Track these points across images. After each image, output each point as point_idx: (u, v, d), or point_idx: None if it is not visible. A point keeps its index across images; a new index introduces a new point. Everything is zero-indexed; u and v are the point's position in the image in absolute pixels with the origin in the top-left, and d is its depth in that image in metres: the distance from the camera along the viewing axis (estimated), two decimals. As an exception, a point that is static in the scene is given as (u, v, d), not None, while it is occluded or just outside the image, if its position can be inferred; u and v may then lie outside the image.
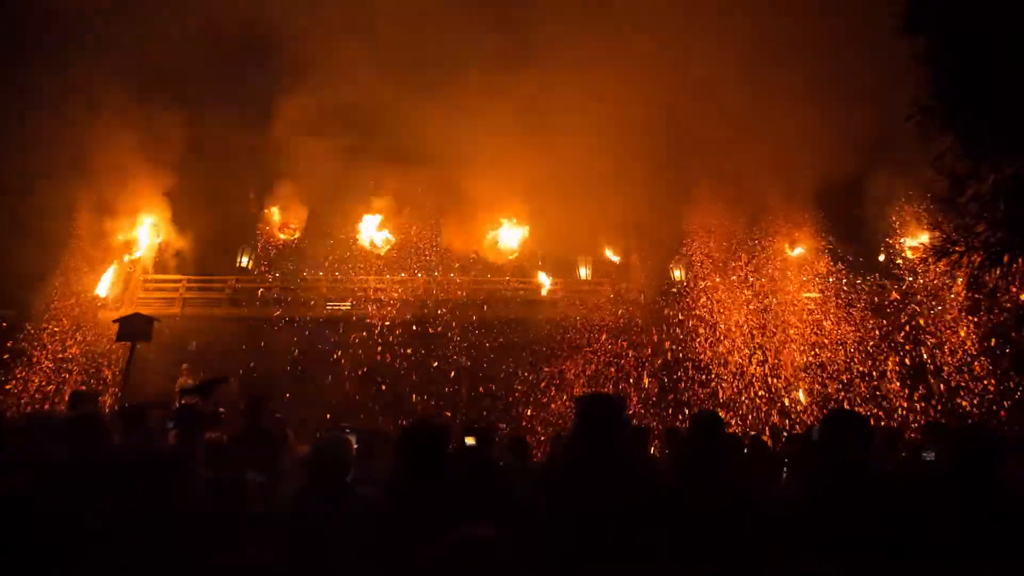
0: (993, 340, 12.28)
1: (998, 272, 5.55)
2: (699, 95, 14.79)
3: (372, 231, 15.91)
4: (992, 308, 5.78)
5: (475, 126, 14.01)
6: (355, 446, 4.14)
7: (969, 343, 13.35)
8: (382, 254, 15.73)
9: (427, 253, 15.65)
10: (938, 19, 5.43)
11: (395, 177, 15.29)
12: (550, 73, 14.37)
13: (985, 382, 13.23)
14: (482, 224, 15.72)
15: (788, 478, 3.13)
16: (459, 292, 15.03)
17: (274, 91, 14.96)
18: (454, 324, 14.33)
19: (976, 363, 13.24)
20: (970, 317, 12.37)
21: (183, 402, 4.05)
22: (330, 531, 2.85)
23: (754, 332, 14.33)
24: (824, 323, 14.60)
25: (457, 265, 15.63)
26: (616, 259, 17.15)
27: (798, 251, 15.95)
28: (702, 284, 15.52)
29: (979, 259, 5.48)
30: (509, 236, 16.03)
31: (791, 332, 14.40)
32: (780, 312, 14.76)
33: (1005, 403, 12.95)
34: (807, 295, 15.42)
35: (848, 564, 2.24)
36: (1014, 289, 5.82)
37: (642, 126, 14.08)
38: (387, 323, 14.29)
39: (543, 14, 14.86)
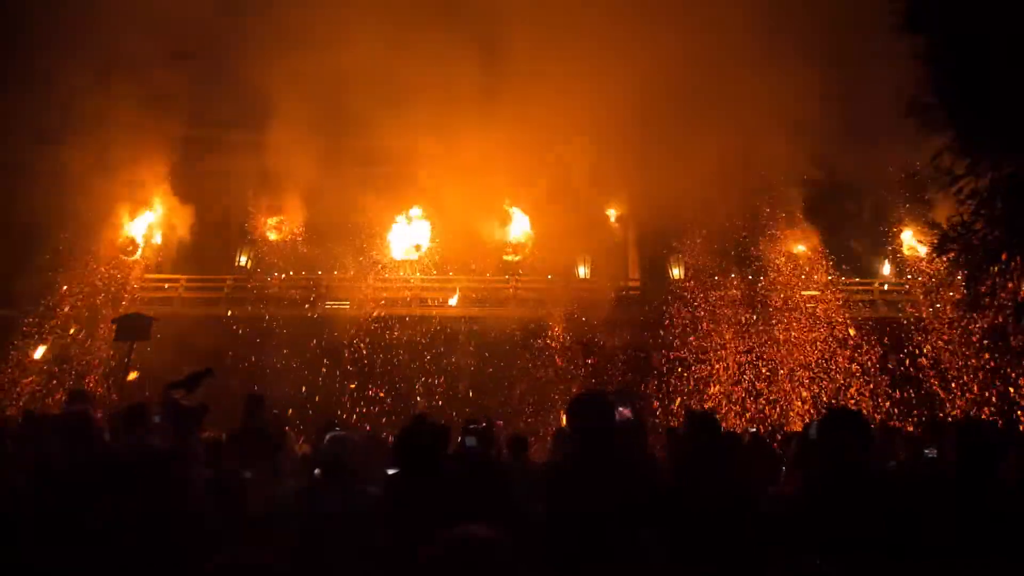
0: (989, 338, 12.30)
1: (996, 269, 5.56)
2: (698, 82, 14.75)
3: (373, 232, 15.81)
4: (991, 305, 5.77)
5: (471, 122, 13.93)
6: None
7: (968, 341, 13.39)
8: (385, 254, 15.66)
9: (427, 253, 15.62)
10: (938, 18, 5.43)
11: (396, 177, 15.22)
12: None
13: (984, 379, 13.27)
14: (481, 224, 15.64)
15: (787, 477, 3.13)
16: (459, 292, 15.03)
17: (272, 88, 14.90)
18: (453, 324, 14.34)
19: (974, 361, 13.28)
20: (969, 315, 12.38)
21: (171, 397, 4.04)
22: (330, 531, 2.85)
23: (753, 331, 14.36)
24: (823, 323, 14.63)
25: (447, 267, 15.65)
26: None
27: (797, 248, 15.93)
28: (702, 283, 15.57)
29: (977, 257, 5.49)
30: (510, 235, 15.96)
31: (791, 333, 14.44)
32: (778, 312, 14.80)
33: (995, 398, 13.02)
34: (806, 292, 15.44)
35: (848, 564, 2.24)
36: (1012, 286, 5.82)
37: (641, 119, 14.03)
38: (386, 323, 14.30)
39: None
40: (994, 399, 13.08)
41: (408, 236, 15.59)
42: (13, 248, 13.01)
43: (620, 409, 2.97)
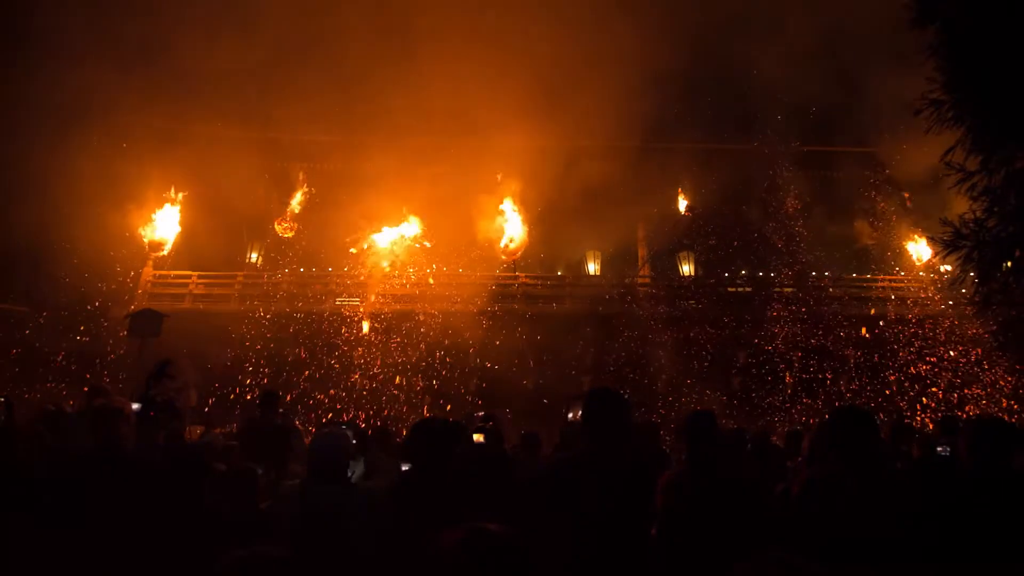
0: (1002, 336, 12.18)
1: (1009, 266, 5.50)
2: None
3: (383, 229, 15.80)
4: (1002, 303, 5.73)
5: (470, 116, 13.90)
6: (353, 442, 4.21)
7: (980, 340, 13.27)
8: (392, 250, 15.67)
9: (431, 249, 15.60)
10: (950, 10, 5.38)
11: (402, 174, 15.23)
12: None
13: (996, 377, 13.17)
14: (485, 220, 15.61)
15: (794, 476, 3.14)
16: (467, 289, 15.03)
17: (283, 86, 14.95)
18: (463, 321, 14.35)
19: (987, 359, 13.17)
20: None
21: (146, 392, 4.12)
22: (332, 525, 2.87)
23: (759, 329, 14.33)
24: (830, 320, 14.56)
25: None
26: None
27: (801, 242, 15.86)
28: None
29: (989, 254, 5.44)
30: (516, 231, 15.90)
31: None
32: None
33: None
34: (813, 290, 15.38)
35: (851, 564, 2.24)
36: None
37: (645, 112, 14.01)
38: (396, 320, 14.35)
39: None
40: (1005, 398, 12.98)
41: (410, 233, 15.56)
42: (25, 245, 13.14)
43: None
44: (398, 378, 13.77)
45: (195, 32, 13.81)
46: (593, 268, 16.95)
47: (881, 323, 14.38)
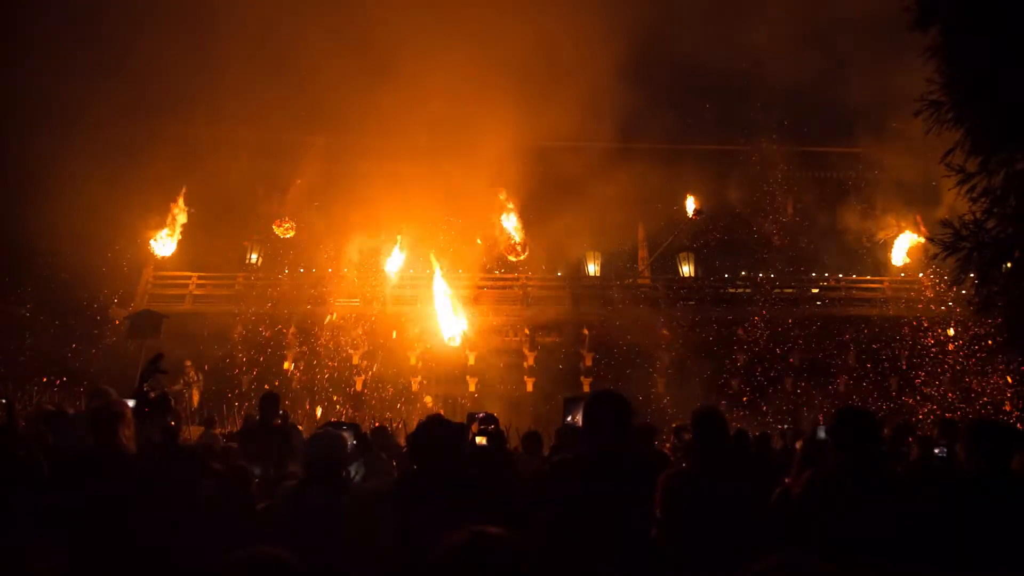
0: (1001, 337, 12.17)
1: (1008, 267, 5.51)
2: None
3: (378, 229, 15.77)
4: (1002, 305, 5.73)
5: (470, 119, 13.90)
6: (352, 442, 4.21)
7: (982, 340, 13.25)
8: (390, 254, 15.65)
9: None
10: (950, 12, 5.39)
11: (402, 174, 15.24)
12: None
13: (996, 379, 13.16)
14: (485, 221, 15.58)
15: (795, 477, 3.14)
16: (466, 290, 15.01)
17: (283, 88, 14.96)
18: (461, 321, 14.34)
19: (986, 361, 13.16)
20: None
21: (143, 389, 4.11)
22: (328, 525, 2.87)
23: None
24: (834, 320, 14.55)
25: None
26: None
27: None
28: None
29: (989, 255, 5.44)
30: (515, 232, 15.89)
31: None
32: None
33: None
34: (815, 290, 15.39)
35: (854, 564, 2.24)
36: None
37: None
38: (395, 321, 14.34)
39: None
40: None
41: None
42: (26, 246, 13.14)
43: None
44: (397, 379, 13.77)
45: (196, 35, 13.84)
46: (593, 268, 16.94)
47: (881, 324, 14.37)
